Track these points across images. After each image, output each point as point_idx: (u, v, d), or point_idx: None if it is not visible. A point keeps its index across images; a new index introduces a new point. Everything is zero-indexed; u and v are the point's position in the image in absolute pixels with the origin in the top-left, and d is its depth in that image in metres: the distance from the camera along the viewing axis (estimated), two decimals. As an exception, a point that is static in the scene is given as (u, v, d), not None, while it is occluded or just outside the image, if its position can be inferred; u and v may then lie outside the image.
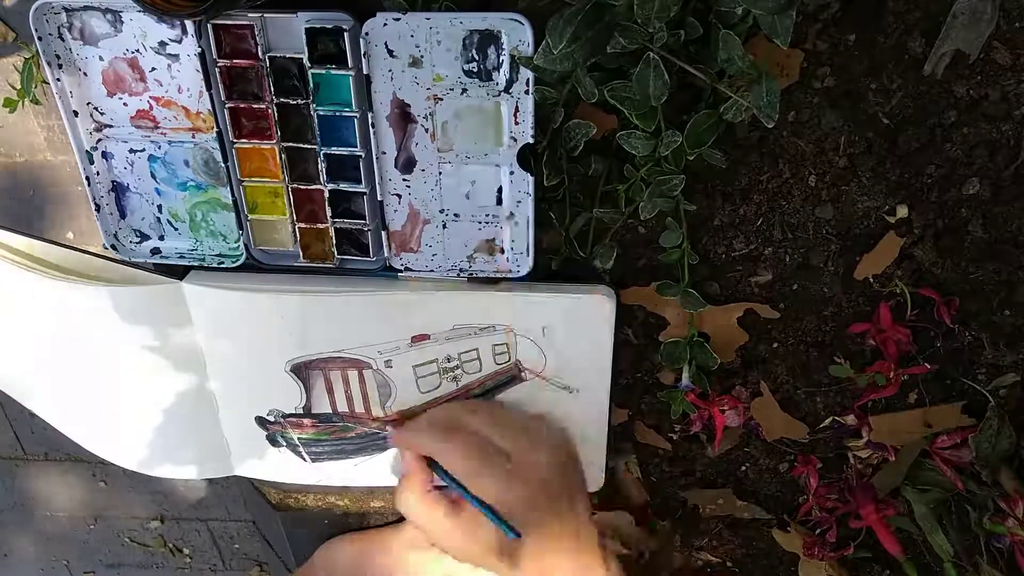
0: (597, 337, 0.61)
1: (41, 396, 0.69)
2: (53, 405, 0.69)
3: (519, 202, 0.56)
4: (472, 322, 0.61)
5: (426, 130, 0.55)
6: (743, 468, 0.72)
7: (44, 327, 0.65)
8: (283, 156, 0.57)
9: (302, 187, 0.58)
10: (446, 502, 0.58)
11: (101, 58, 0.55)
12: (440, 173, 0.56)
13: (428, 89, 0.53)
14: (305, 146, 0.56)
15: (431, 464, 0.60)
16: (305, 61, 0.52)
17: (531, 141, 0.53)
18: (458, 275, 0.60)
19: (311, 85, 0.53)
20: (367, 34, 0.51)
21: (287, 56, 0.53)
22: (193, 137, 0.58)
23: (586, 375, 0.63)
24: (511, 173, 0.55)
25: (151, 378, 0.67)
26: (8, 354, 0.68)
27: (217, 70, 0.53)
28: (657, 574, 0.77)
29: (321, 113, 0.54)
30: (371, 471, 0.71)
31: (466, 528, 0.56)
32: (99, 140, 0.59)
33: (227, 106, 0.55)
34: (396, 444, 0.65)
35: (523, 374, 0.63)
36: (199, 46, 0.53)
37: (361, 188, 0.57)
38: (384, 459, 0.70)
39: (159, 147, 0.59)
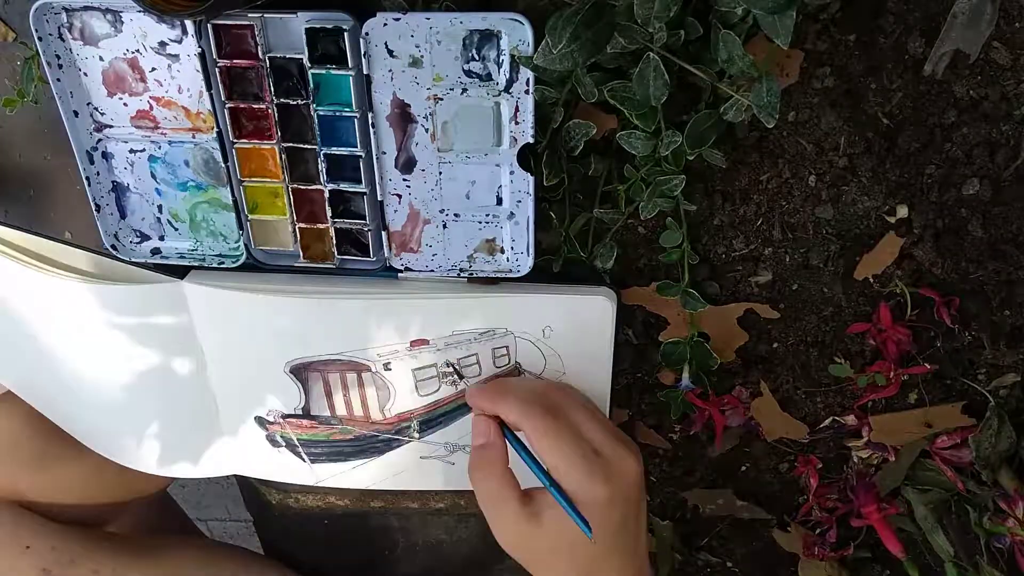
0: (597, 339, 0.60)
1: (41, 393, 0.69)
2: (53, 402, 0.69)
3: (519, 202, 0.56)
4: (472, 328, 0.61)
5: (426, 130, 0.55)
6: (743, 468, 0.72)
7: (44, 323, 0.65)
8: (283, 156, 0.57)
9: (302, 187, 0.58)
10: (519, 493, 0.53)
11: (101, 58, 0.55)
12: (440, 173, 0.56)
13: (428, 89, 0.53)
14: (305, 146, 0.56)
15: (506, 433, 0.54)
16: (305, 61, 0.52)
17: (531, 141, 0.53)
18: (458, 275, 0.60)
19: (311, 85, 0.53)
20: (367, 34, 0.51)
21: (287, 56, 0.53)
22: (193, 137, 0.58)
23: (586, 377, 0.63)
24: (511, 173, 0.55)
25: (151, 377, 0.67)
26: (8, 350, 0.68)
27: (217, 70, 0.53)
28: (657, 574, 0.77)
29: (321, 113, 0.54)
30: (369, 474, 0.71)
31: (540, 534, 0.51)
32: (99, 140, 0.59)
33: (227, 106, 0.55)
34: (474, 403, 0.58)
35: (522, 375, 0.63)
36: (199, 46, 0.53)
37: (361, 188, 0.57)
38: (382, 463, 0.70)
39: (159, 147, 0.59)
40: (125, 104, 0.57)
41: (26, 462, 0.69)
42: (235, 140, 0.56)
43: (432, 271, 0.60)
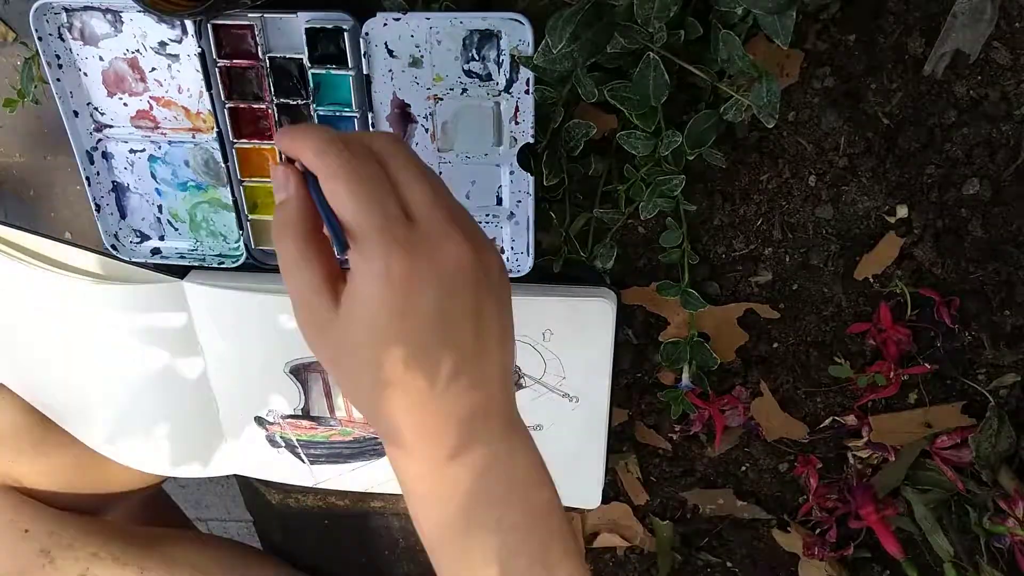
0: (597, 342, 0.60)
1: (41, 392, 0.69)
2: (53, 401, 0.69)
3: (519, 202, 0.56)
4: None
5: (426, 130, 0.55)
6: (743, 468, 0.72)
7: (43, 322, 0.65)
8: (283, 156, 0.56)
9: (302, 187, 0.58)
10: (328, 267, 0.39)
11: (101, 58, 0.55)
12: (440, 173, 0.56)
13: (428, 89, 0.53)
14: (305, 146, 0.56)
15: (311, 184, 0.39)
16: (305, 61, 0.52)
17: (531, 141, 0.53)
18: (458, 275, 0.60)
19: (311, 85, 0.53)
20: (367, 34, 0.51)
21: (287, 56, 0.53)
22: (193, 137, 0.58)
23: (586, 380, 0.63)
24: (511, 173, 0.55)
25: (150, 376, 0.67)
26: (8, 349, 0.68)
27: (217, 70, 0.53)
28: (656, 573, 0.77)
29: (321, 113, 0.54)
30: (368, 477, 0.71)
31: (338, 320, 0.38)
32: (99, 140, 0.59)
33: (227, 106, 0.55)
34: (279, 144, 0.43)
35: (522, 380, 0.63)
36: (199, 46, 0.53)
37: (361, 188, 0.57)
38: (381, 466, 0.70)
39: (159, 147, 0.59)
40: (125, 104, 0.57)
41: (25, 448, 0.69)
42: (235, 140, 0.56)
43: (432, 271, 0.60)
